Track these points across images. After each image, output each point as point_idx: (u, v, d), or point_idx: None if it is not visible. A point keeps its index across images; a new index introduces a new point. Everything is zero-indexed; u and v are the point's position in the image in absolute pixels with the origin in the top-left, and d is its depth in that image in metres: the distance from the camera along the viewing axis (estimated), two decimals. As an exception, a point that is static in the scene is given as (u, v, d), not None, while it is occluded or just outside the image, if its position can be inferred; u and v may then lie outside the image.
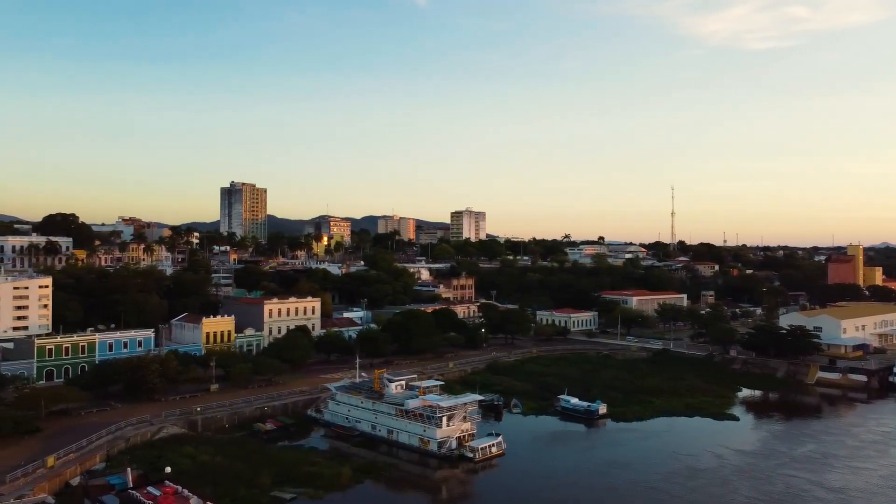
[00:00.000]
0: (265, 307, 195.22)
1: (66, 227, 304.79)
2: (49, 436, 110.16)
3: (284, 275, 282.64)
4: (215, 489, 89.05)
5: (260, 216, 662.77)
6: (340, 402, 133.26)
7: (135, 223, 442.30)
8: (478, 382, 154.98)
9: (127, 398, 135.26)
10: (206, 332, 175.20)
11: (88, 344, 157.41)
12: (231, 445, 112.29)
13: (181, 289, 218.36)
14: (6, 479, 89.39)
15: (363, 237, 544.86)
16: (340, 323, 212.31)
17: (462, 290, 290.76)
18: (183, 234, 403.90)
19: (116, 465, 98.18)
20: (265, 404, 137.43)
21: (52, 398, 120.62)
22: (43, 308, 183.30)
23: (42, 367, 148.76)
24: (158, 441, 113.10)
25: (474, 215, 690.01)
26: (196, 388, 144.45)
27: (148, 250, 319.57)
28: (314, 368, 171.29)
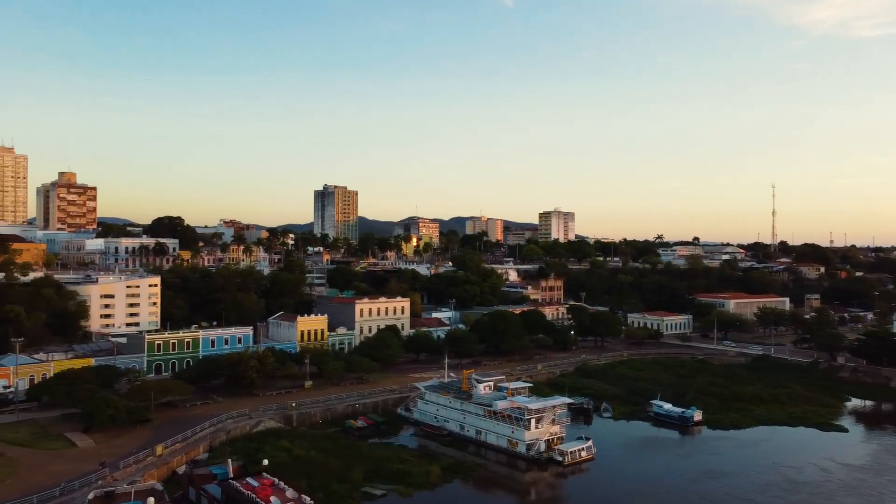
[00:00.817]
0: (356, 307, 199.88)
1: (172, 230, 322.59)
2: (158, 426, 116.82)
3: (375, 275, 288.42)
4: (309, 483, 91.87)
5: (351, 218, 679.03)
6: (429, 402, 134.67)
7: (235, 225, 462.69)
8: (567, 385, 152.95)
9: (228, 392, 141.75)
10: (300, 331, 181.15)
11: (193, 340, 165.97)
12: (324, 441, 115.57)
13: (277, 288, 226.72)
14: (120, 465, 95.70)
15: (451, 238, 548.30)
16: (429, 323, 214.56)
17: (550, 291, 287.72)
18: (279, 236, 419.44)
19: (218, 455, 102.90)
20: (356, 402, 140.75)
21: (160, 390, 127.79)
22: (152, 305, 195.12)
23: (151, 361, 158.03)
24: (256, 434, 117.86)
25: (563, 216, 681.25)
26: (291, 384, 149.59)
27: (247, 251, 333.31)
28: (403, 367, 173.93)
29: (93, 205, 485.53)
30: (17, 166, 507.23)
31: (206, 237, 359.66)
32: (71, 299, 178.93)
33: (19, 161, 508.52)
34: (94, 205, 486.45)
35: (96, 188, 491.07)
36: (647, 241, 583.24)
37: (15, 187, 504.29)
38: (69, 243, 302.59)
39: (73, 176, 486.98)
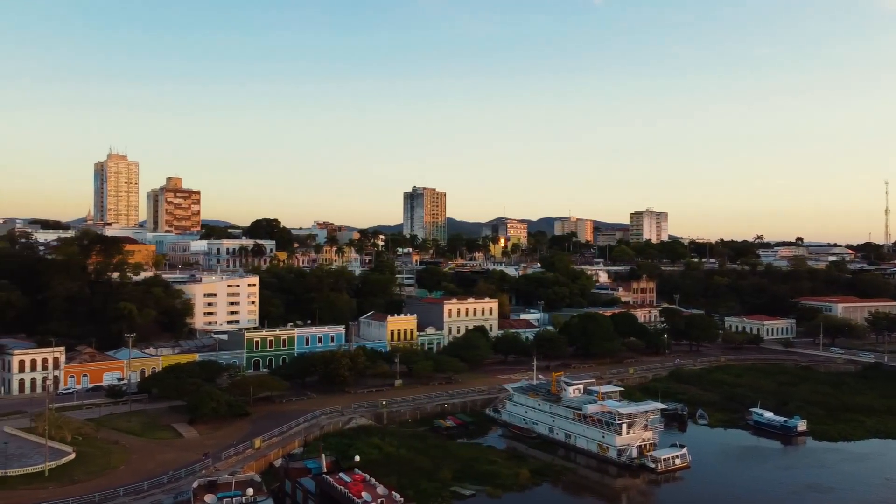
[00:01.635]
0: (445, 307, 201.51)
1: (269, 231, 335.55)
2: (256, 420, 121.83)
3: (463, 276, 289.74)
4: (399, 480, 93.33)
5: (440, 219, 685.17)
6: (518, 403, 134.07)
7: (328, 227, 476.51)
8: (659, 390, 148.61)
9: (321, 389, 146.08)
10: (390, 330, 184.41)
11: (289, 337, 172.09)
12: (414, 439, 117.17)
13: (368, 288, 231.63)
14: (221, 456, 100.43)
15: (540, 239, 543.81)
16: (517, 324, 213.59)
17: (642, 293, 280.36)
18: (370, 237, 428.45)
19: (312, 450, 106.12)
20: (445, 401, 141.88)
21: (258, 386, 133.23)
22: (251, 304, 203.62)
23: (250, 357, 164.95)
24: (348, 431, 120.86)
25: (655, 216, 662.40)
26: (382, 382, 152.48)
27: (339, 252, 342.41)
28: (492, 368, 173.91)
29: (197, 208, 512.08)
30: (130, 173, 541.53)
31: (301, 238, 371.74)
32: (177, 298, 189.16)
33: (131, 168, 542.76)
34: (198, 208, 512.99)
35: (200, 192, 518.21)
36: (745, 241, 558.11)
37: (128, 192, 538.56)
38: (176, 244, 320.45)
39: (180, 181, 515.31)
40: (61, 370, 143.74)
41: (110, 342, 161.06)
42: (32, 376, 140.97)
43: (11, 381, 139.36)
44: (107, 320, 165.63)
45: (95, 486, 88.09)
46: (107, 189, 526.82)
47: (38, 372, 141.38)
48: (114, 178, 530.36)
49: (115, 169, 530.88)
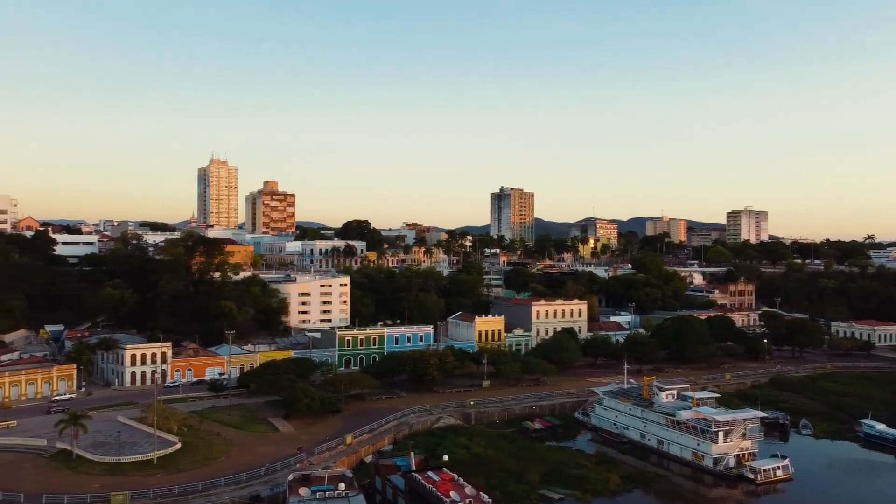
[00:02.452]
0: (533, 308, 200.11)
1: (360, 233, 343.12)
2: (347, 416, 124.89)
3: (551, 277, 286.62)
4: (487, 480, 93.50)
5: (527, 219, 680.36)
6: (608, 407, 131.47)
7: (416, 228, 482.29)
8: (759, 397, 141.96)
9: (410, 388, 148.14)
10: (478, 331, 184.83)
11: (379, 337, 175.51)
12: (502, 440, 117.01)
13: (456, 289, 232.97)
14: (315, 451, 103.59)
15: (630, 239, 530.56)
16: (607, 326, 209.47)
17: (740, 296, 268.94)
18: (458, 238, 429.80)
19: (402, 448, 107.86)
20: (533, 403, 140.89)
21: (350, 383, 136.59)
22: (343, 303, 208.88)
23: (342, 355, 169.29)
24: (437, 430, 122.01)
25: (754, 215, 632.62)
26: (470, 382, 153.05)
27: (428, 252, 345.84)
28: (581, 371, 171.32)
29: (292, 210, 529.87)
30: (230, 177, 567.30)
31: (391, 239, 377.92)
32: (274, 297, 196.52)
33: (231, 172, 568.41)
34: (293, 210, 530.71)
35: (294, 195, 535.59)
36: (854, 241, 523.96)
37: (228, 195, 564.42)
38: (272, 245, 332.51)
39: (276, 184, 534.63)
40: (168, 364, 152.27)
41: (212, 338, 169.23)
42: (143, 369, 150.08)
43: (124, 374, 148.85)
44: (209, 317, 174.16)
45: (199, 475, 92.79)
46: (209, 193, 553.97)
47: (147, 365, 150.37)
48: (215, 183, 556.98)
49: (217, 173, 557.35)
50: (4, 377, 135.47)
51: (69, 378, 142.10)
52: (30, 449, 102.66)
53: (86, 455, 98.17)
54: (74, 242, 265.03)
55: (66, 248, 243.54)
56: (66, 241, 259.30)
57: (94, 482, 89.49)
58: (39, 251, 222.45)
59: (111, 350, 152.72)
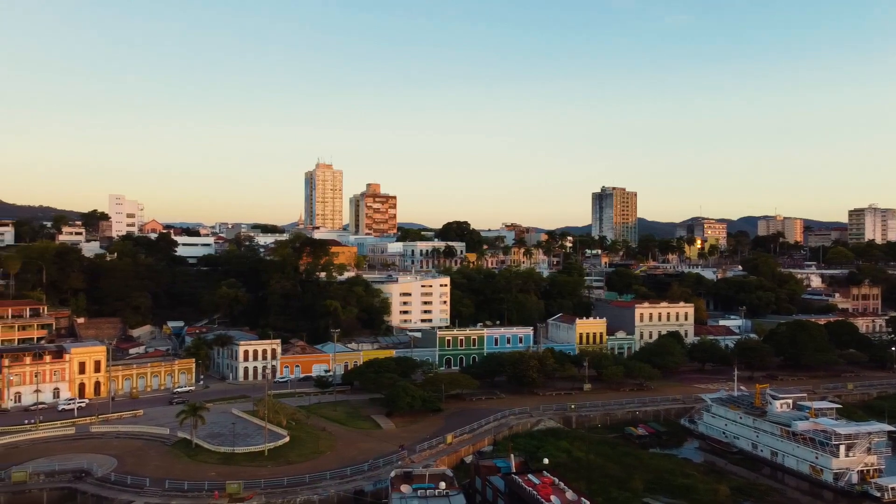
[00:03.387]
0: (636, 311, 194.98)
1: (460, 234, 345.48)
2: (447, 416, 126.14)
3: (655, 279, 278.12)
4: (589, 486, 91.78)
5: (630, 220, 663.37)
6: (716, 415, 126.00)
7: (516, 229, 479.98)
8: (886, 409, 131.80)
9: (509, 389, 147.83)
10: (579, 333, 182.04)
11: (478, 337, 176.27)
12: (604, 445, 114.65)
13: (556, 290, 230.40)
14: (416, 449, 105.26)
15: (740, 240, 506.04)
16: (716, 331, 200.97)
17: (864, 300, 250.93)
18: (557, 239, 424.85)
19: (501, 449, 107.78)
20: (637, 408, 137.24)
21: (450, 383, 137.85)
22: (443, 304, 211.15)
23: (442, 355, 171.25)
24: (537, 432, 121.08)
25: (880, 213, 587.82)
26: (570, 385, 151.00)
27: (527, 253, 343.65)
28: (687, 376, 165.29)
29: (394, 212, 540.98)
30: (335, 180, 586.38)
31: (490, 240, 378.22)
32: (376, 296, 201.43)
33: (336, 175, 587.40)
34: (394, 212, 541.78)
35: (396, 197, 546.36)
36: None
37: (333, 198, 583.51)
38: (374, 246, 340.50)
39: (378, 187, 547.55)
40: (278, 360, 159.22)
41: (318, 336, 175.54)
42: (254, 365, 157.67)
43: (238, 369, 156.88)
44: (315, 316, 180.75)
45: (306, 468, 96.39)
46: (315, 196, 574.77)
47: (259, 361, 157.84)
48: (321, 186, 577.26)
49: (322, 177, 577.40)
50: (132, 369, 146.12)
51: (189, 371, 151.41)
52: (154, 437, 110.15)
53: (203, 444, 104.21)
54: (193, 244, 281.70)
55: (185, 250, 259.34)
56: (185, 242, 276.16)
57: (210, 470, 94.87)
58: (163, 252, 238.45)
59: (226, 346, 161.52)
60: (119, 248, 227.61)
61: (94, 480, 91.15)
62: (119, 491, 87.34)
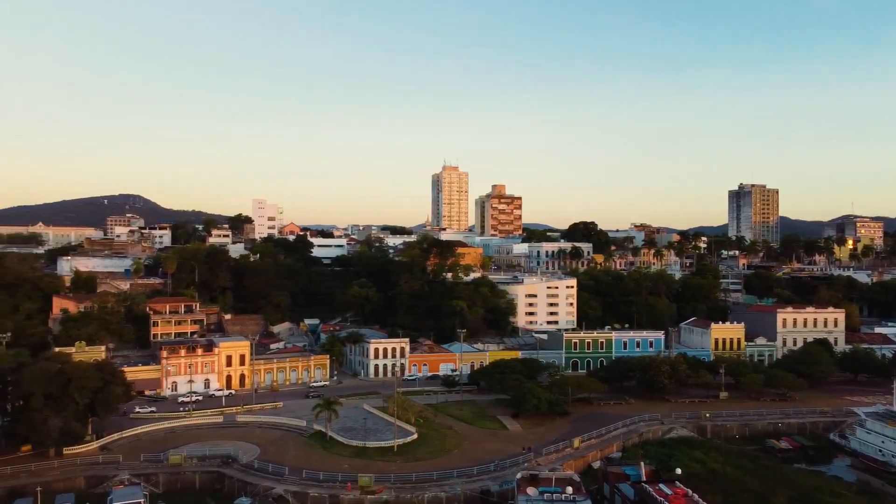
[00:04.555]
0: (779, 316, 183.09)
1: (586, 234, 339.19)
2: (574, 419, 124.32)
3: (800, 282, 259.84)
4: (725, 500, 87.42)
5: (771, 218, 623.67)
6: (872, 431, 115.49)
7: (645, 229, 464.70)
8: None
9: (638, 394, 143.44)
10: (714, 338, 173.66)
11: (606, 340, 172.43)
12: (742, 457, 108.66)
13: (689, 293, 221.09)
14: (542, 451, 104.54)
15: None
16: (871, 339, 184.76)
17: None
18: (690, 239, 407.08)
19: (630, 456, 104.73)
20: (779, 420, 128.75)
21: (577, 386, 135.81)
22: (569, 305, 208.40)
23: (568, 357, 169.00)
24: (668, 441, 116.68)
25: None
26: (704, 393, 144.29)
27: (657, 255, 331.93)
28: (836, 388, 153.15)
29: (519, 213, 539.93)
30: (461, 182, 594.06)
31: (618, 241, 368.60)
32: (502, 297, 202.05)
33: (462, 177, 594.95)
34: (519, 213, 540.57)
35: (521, 197, 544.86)
36: None
37: (459, 200, 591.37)
38: (500, 247, 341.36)
39: (503, 188, 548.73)
40: (406, 359, 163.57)
41: (444, 336, 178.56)
42: (384, 363, 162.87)
43: (368, 366, 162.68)
44: (442, 316, 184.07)
45: (433, 465, 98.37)
46: (442, 197, 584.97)
47: (388, 359, 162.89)
48: (447, 188, 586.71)
49: (449, 179, 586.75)
50: (273, 364, 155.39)
51: (323, 367, 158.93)
52: (292, 428, 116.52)
53: (337, 438, 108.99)
54: (327, 245, 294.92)
55: (320, 251, 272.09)
56: (321, 244, 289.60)
57: (343, 463, 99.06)
58: (300, 253, 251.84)
59: (358, 343, 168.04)
60: (261, 250, 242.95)
61: (240, 466, 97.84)
62: (261, 477, 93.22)
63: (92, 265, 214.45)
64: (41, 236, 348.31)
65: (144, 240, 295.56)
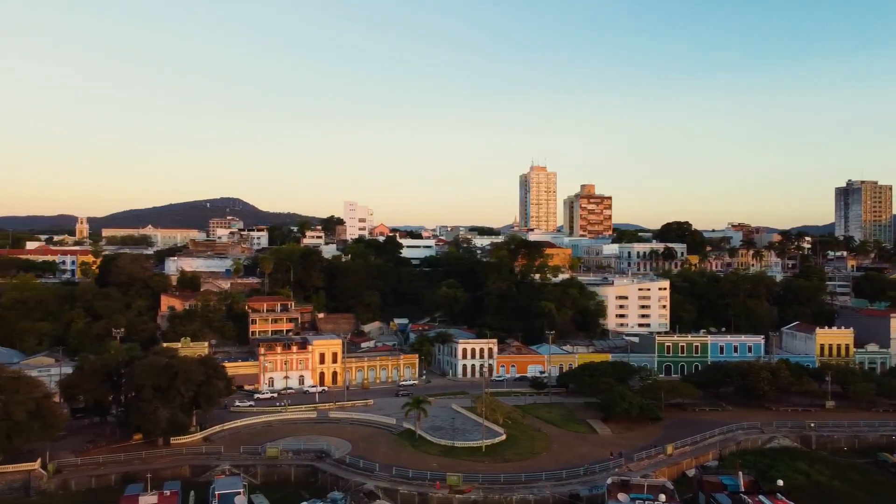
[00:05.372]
0: (892, 321, 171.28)
1: (680, 234, 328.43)
2: (667, 425, 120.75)
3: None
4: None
5: (883, 217, 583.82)
6: None
7: (743, 229, 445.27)
8: None
9: (736, 401, 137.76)
10: (819, 344, 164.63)
11: (701, 344, 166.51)
12: (851, 471, 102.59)
13: (792, 296, 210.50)
14: (634, 457, 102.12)
15: None
16: None
17: None
18: (793, 239, 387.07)
19: (728, 465, 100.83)
20: (893, 432, 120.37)
21: (670, 391, 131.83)
22: (662, 308, 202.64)
23: (661, 361, 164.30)
24: (769, 450, 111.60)
25: None
26: (809, 402, 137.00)
27: (756, 256, 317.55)
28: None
29: (609, 213, 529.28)
30: (549, 182, 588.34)
31: (714, 241, 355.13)
32: (591, 299, 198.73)
33: (550, 177, 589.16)
34: (609, 213, 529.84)
35: (611, 197, 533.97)
36: None
37: (547, 200, 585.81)
38: (589, 248, 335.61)
39: (592, 187, 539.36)
40: (494, 359, 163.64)
41: (532, 337, 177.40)
42: (472, 363, 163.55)
43: (457, 366, 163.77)
44: (530, 317, 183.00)
45: (521, 467, 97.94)
46: (529, 198, 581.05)
47: (476, 359, 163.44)
48: (535, 188, 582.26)
49: (537, 179, 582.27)
50: (363, 362, 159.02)
51: (413, 366, 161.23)
52: (383, 426, 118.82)
53: (426, 436, 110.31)
54: (416, 246, 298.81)
55: (409, 251, 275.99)
56: (409, 244, 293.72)
57: (432, 461, 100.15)
58: (390, 254, 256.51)
59: (446, 343, 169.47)
60: (352, 250, 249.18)
61: (332, 461, 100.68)
62: (353, 473, 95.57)
63: (196, 265, 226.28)
64: (150, 238, 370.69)
65: (243, 241, 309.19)
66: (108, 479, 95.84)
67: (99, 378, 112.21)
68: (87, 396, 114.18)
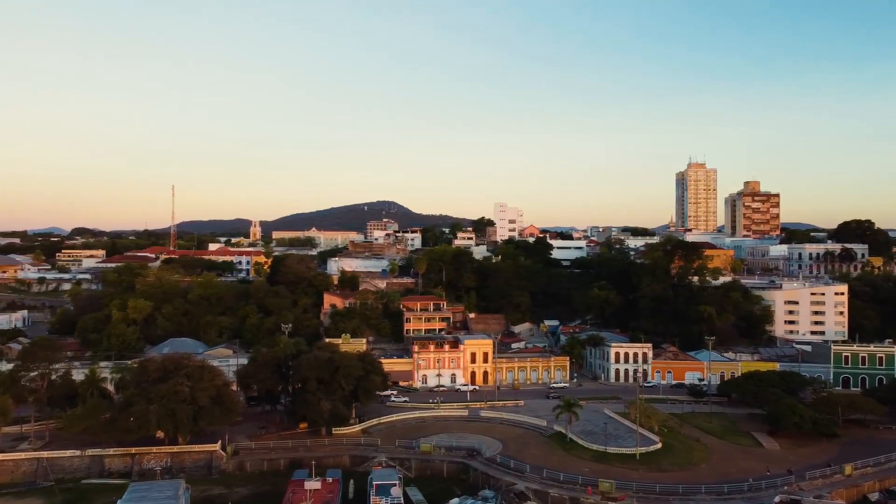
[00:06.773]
0: None
1: (860, 234, 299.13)
2: (844, 443, 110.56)
3: None
4: None
5: None
6: None
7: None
8: None
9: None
10: None
11: (886, 355, 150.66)
12: None
13: None
14: (806, 475, 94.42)
15: None
16: None
17: None
18: None
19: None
20: None
21: (848, 406, 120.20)
22: (839, 314, 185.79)
23: (838, 373, 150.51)
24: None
25: None
26: None
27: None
28: None
29: (776, 211, 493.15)
30: (708, 179, 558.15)
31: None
32: (756, 304, 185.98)
33: (710, 175, 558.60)
34: (777, 211, 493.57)
35: (779, 195, 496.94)
36: None
37: (706, 199, 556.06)
38: (754, 249, 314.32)
39: (757, 184, 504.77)
40: (649, 364, 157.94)
41: (690, 343, 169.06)
42: (625, 367, 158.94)
43: (609, 370, 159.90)
44: (687, 321, 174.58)
45: (678, 477, 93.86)
46: (687, 196, 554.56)
47: (629, 364, 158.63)
48: (693, 186, 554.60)
49: (695, 177, 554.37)
50: (514, 363, 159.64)
51: (563, 368, 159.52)
52: (533, 427, 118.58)
53: (577, 440, 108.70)
54: (566, 247, 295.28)
55: (559, 253, 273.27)
56: (560, 246, 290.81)
57: (583, 466, 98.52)
58: (540, 255, 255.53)
59: (598, 346, 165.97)
60: (503, 251, 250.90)
61: (483, 460, 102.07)
62: (503, 472, 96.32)
63: (355, 265, 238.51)
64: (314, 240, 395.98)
65: (398, 242, 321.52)
66: (277, 463, 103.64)
67: (270, 369, 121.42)
68: (259, 386, 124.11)
